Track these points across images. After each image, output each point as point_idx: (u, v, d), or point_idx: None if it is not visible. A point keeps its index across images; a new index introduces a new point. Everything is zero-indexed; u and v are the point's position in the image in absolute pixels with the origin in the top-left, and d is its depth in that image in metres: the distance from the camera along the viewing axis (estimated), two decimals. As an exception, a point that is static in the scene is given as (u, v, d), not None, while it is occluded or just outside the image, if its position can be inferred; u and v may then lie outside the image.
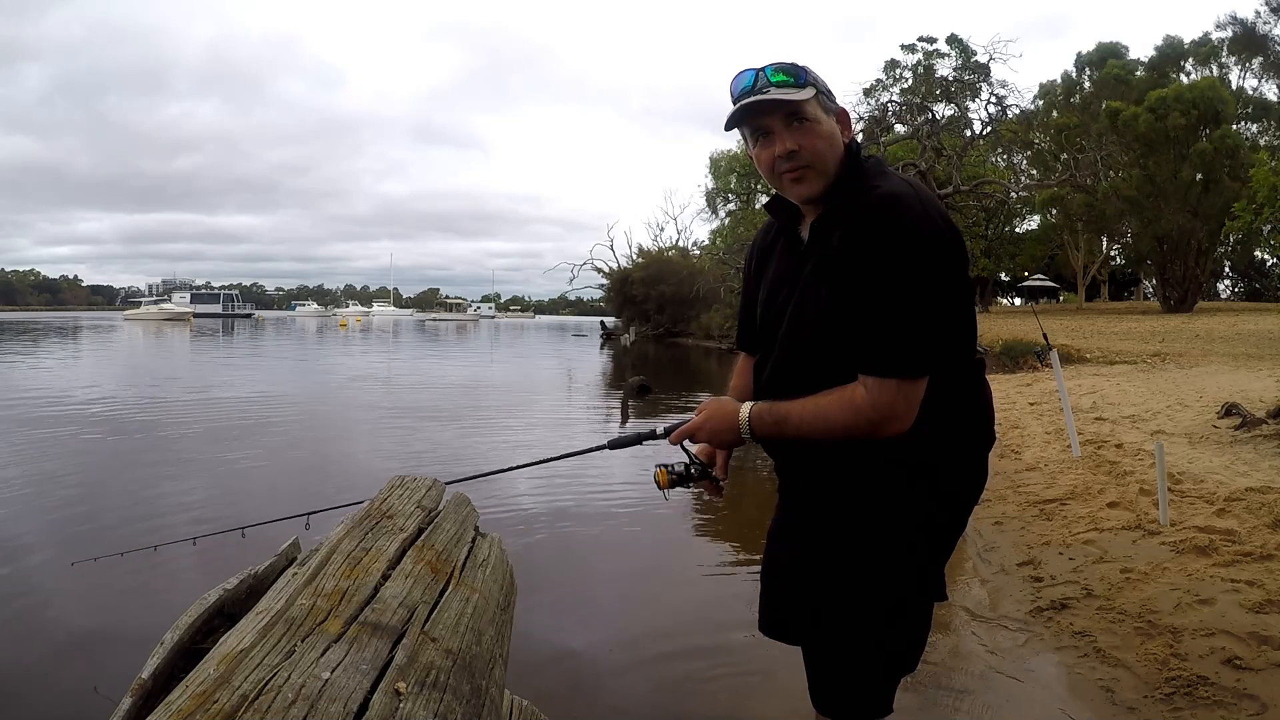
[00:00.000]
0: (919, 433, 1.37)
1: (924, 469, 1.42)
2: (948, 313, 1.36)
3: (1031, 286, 45.55)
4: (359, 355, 24.20)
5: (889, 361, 1.32)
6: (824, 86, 1.46)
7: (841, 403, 1.36)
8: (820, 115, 1.43)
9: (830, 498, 1.48)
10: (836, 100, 1.50)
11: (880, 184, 1.36)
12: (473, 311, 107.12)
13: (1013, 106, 20.21)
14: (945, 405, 1.39)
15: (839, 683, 1.49)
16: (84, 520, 4.90)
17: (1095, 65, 36.09)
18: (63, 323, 55.78)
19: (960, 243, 1.39)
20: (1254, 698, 2.39)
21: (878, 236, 1.31)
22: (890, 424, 1.34)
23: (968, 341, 1.44)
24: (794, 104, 1.41)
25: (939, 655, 2.98)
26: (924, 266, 1.31)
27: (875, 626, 1.44)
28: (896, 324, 1.31)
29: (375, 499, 1.98)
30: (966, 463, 1.48)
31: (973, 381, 1.48)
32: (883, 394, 1.33)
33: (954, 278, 1.36)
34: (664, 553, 4.62)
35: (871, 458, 1.40)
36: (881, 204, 1.33)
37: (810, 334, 1.44)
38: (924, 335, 1.32)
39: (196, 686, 1.07)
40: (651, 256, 40.62)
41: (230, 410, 9.97)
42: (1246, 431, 5.94)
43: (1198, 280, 30.70)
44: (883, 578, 1.43)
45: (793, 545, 1.55)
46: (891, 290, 1.31)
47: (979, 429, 1.50)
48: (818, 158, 1.42)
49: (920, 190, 1.39)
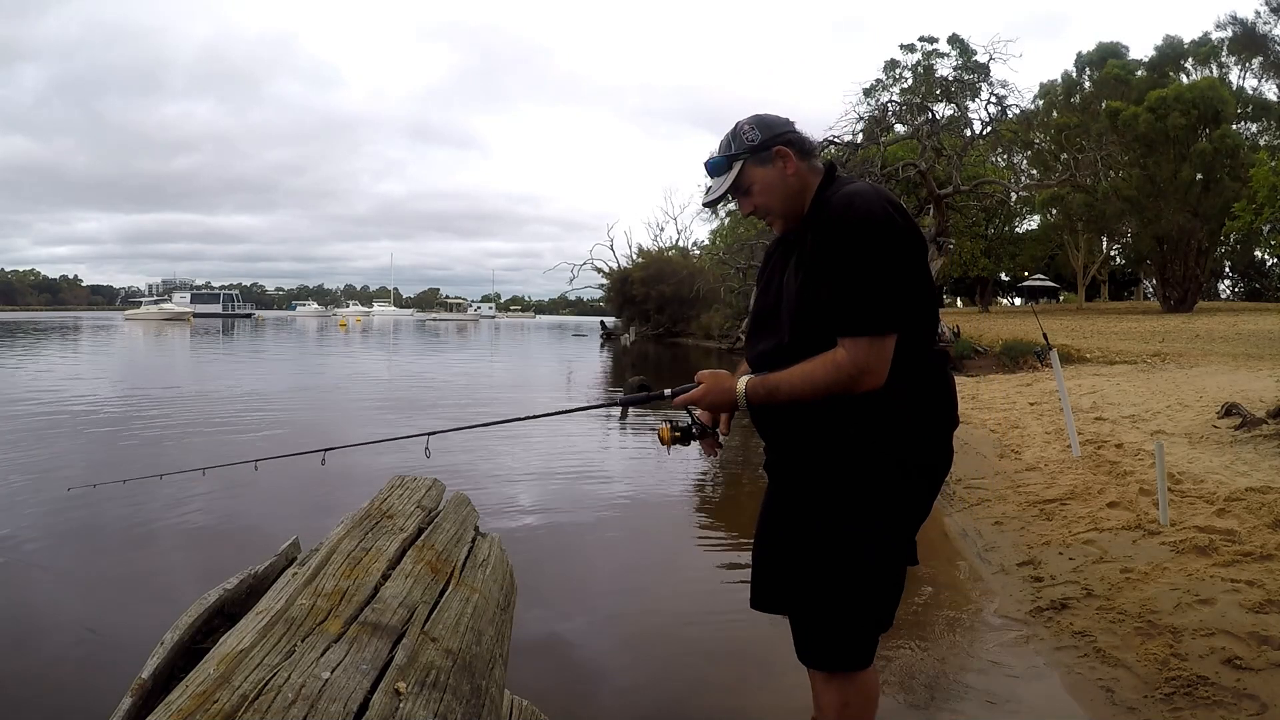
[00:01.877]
0: (887, 414, 1.61)
1: (891, 446, 1.63)
2: (904, 281, 1.60)
3: (1031, 286, 45.53)
4: (359, 355, 24.18)
5: (861, 322, 1.57)
6: (754, 141, 1.74)
7: (824, 364, 1.59)
8: (755, 175, 1.75)
9: (809, 472, 1.69)
10: (777, 131, 1.75)
11: (842, 188, 1.66)
12: (473, 311, 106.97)
13: (1013, 106, 20.18)
14: (909, 390, 1.62)
15: (821, 637, 1.70)
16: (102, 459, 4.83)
17: (1095, 65, 36.08)
18: (64, 322, 55.77)
19: (914, 230, 1.64)
20: (1254, 698, 2.39)
21: (839, 224, 1.60)
22: (866, 377, 1.57)
23: (925, 314, 1.66)
24: (730, 191, 1.78)
25: (939, 655, 2.98)
26: (880, 244, 1.58)
27: (852, 586, 1.65)
28: (863, 290, 1.56)
29: (375, 498, 1.98)
30: (931, 441, 1.68)
31: (935, 369, 1.70)
32: (858, 351, 1.56)
33: (907, 255, 1.61)
34: (664, 552, 4.62)
35: (845, 436, 1.62)
36: (840, 201, 1.63)
37: (788, 317, 1.68)
38: (886, 298, 1.57)
39: (196, 686, 1.07)
40: (651, 256, 40.61)
41: (230, 406, 9.98)
42: (1246, 431, 5.94)
43: (1198, 280, 30.70)
44: (857, 542, 1.64)
45: (776, 516, 1.77)
46: (856, 264, 1.57)
47: (942, 411, 1.71)
48: (769, 207, 1.78)
49: (881, 189, 1.67)
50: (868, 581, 1.66)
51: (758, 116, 1.80)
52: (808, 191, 1.74)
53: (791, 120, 1.81)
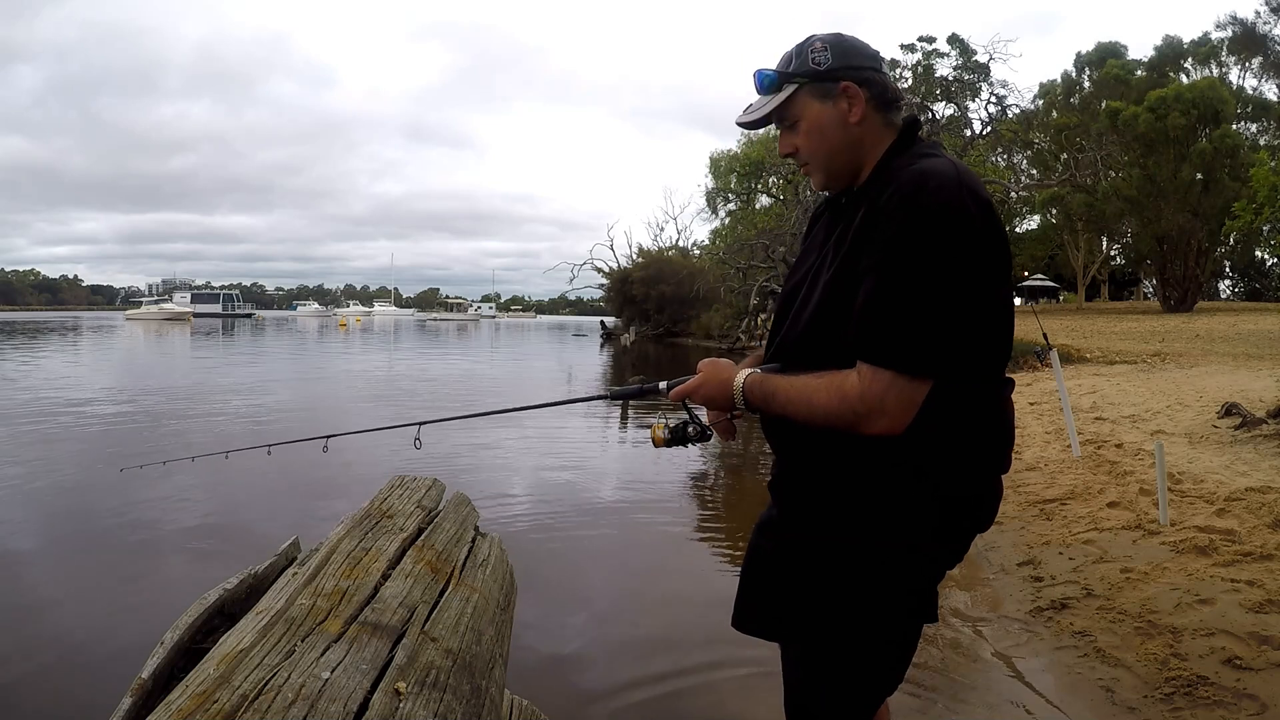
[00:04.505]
0: (928, 444, 1.24)
1: (928, 483, 1.28)
2: (968, 311, 1.20)
3: (1031, 286, 45.50)
4: (359, 355, 24.18)
5: (887, 350, 1.19)
6: (818, 65, 1.35)
7: (830, 387, 1.24)
8: (809, 109, 1.36)
9: (825, 498, 1.35)
10: (854, 63, 1.36)
11: (918, 162, 1.26)
12: (474, 311, 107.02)
13: (1012, 106, 20.21)
14: (961, 421, 1.26)
15: (814, 698, 1.40)
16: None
17: (1095, 65, 36.07)
18: (66, 322, 55.78)
19: (1002, 239, 1.24)
20: (1254, 698, 2.39)
21: (900, 211, 1.20)
22: (876, 420, 1.20)
23: (994, 355, 1.28)
24: (771, 115, 1.41)
25: (939, 654, 2.98)
26: (944, 250, 1.17)
27: (857, 643, 1.33)
28: (903, 308, 1.17)
29: (375, 498, 1.98)
30: (976, 487, 1.34)
31: (995, 400, 1.33)
32: (875, 385, 1.19)
33: (982, 273, 1.20)
34: (665, 552, 4.62)
35: (874, 461, 1.27)
36: (910, 179, 1.22)
37: (809, 310, 1.35)
38: (933, 329, 1.17)
39: (196, 686, 1.07)
40: (651, 256, 40.64)
41: (230, 402, 9.98)
42: (1246, 431, 5.94)
43: (1198, 280, 30.68)
44: (871, 591, 1.31)
45: (778, 540, 1.43)
46: (902, 270, 1.18)
47: (995, 453, 1.35)
48: (813, 154, 1.39)
49: (966, 172, 1.24)
50: (878, 638, 1.34)
51: (836, 35, 1.39)
52: (871, 151, 1.36)
53: (880, 55, 1.42)
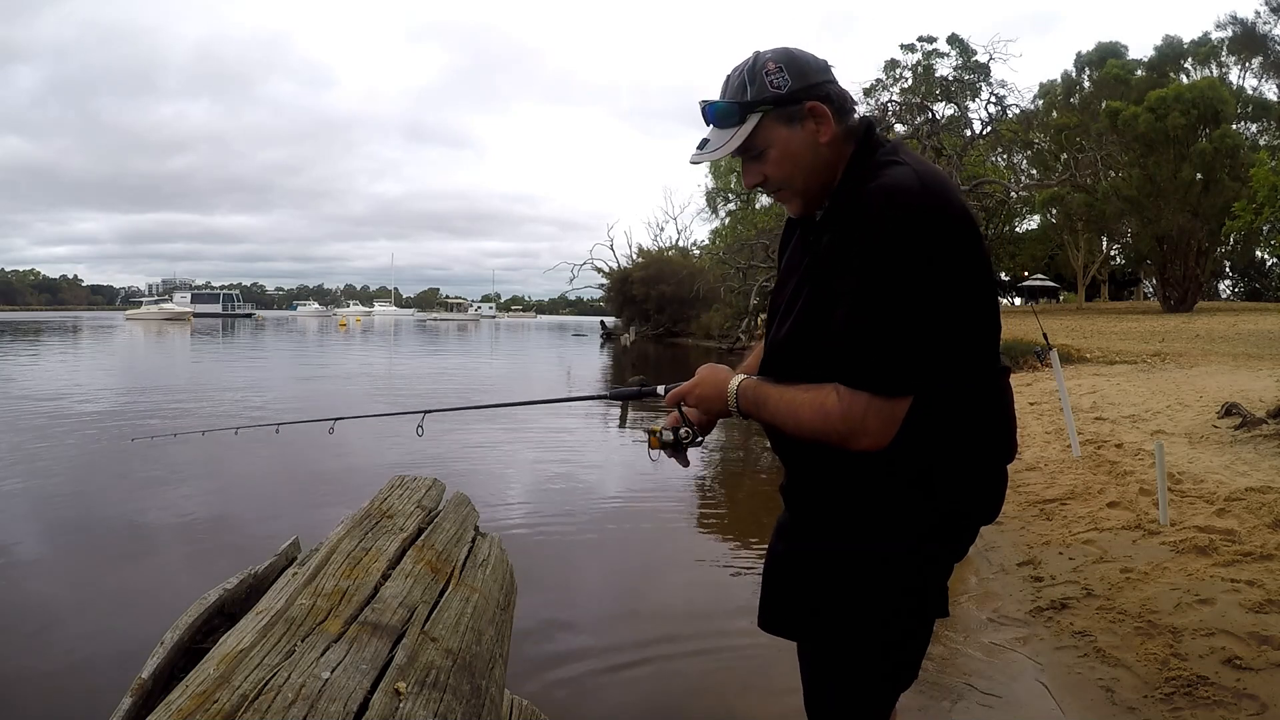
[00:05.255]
0: (921, 448, 1.25)
1: (926, 485, 1.29)
2: (945, 322, 1.21)
3: (1031, 286, 45.50)
4: (360, 354, 24.18)
5: (862, 373, 1.20)
6: (779, 89, 1.29)
7: (813, 404, 1.25)
8: (777, 136, 1.30)
9: (826, 503, 1.37)
10: (812, 80, 1.30)
11: (881, 176, 1.23)
12: (474, 311, 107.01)
13: (1013, 106, 20.22)
14: (954, 421, 1.27)
15: (831, 695, 1.41)
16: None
17: (1095, 65, 36.08)
18: (66, 322, 55.78)
19: (974, 234, 1.25)
20: (1254, 698, 2.39)
21: (864, 235, 1.19)
22: (859, 439, 1.22)
23: (981, 352, 1.29)
24: (739, 150, 1.32)
25: (938, 654, 2.98)
26: (913, 268, 1.17)
27: (870, 639, 1.35)
28: (876, 333, 1.18)
29: (375, 498, 1.98)
30: (979, 477, 1.35)
31: (992, 390, 1.34)
32: (853, 407, 1.21)
33: (956, 278, 1.21)
34: (664, 552, 4.62)
35: (870, 468, 1.28)
36: (874, 200, 1.20)
37: (791, 333, 1.35)
38: (908, 350, 1.18)
39: (196, 686, 1.07)
40: (651, 256, 40.65)
41: (234, 396, 9.99)
42: (1246, 431, 5.94)
43: (1198, 280, 30.67)
44: (873, 592, 1.32)
45: (789, 543, 1.46)
46: (872, 294, 1.18)
47: (997, 442, 1.36)
48: (788, 180, 1.34)
49: (930, 179, 1.22)
50: (890, 634, 1.35)
51: (786, 53, 1.31)
52: (840, 165, 1.32)
53: (828, 62, 1.34)
